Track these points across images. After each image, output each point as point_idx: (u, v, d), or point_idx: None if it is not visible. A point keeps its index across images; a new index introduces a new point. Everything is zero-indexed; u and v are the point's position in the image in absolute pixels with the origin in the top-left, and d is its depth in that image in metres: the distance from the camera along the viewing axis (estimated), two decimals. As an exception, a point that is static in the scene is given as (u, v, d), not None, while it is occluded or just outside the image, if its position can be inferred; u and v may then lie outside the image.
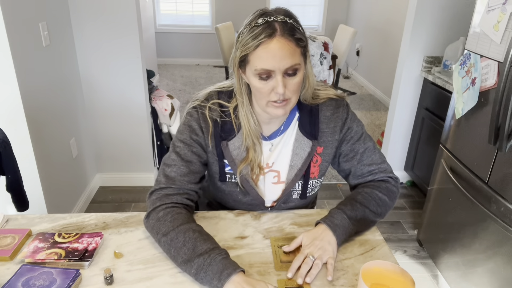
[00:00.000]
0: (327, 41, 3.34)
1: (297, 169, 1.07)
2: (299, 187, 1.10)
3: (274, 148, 1.08)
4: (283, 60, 0.88)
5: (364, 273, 0.78)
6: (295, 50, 0.89)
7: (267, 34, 0.87)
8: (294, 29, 0.89)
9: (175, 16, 6.27)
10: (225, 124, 1.04)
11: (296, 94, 0.95)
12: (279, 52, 0.87)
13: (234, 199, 1.12)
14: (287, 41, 0.88)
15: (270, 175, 1.09)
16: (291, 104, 0.96)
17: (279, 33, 0.87)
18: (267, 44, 0.87)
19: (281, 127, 1.07)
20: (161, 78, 5.52)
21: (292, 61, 0.89)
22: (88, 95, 2.51)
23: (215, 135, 1.03)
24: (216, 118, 1.03)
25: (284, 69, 0.89)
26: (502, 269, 1.55)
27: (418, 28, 2.52)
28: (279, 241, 1.00)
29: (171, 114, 2.86)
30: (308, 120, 1.06)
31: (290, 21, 0.90)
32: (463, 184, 1.78)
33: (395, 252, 2.21)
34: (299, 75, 0.92)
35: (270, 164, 1.08)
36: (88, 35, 2.37)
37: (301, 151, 1.06)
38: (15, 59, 1.71)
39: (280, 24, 0.88)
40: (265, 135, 1.07)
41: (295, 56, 0.89)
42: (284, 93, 0.91)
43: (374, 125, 4.10)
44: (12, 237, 0.97)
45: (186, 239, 0.89)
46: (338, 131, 1.07)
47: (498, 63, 1.54)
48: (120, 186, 2.76)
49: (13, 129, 1.75)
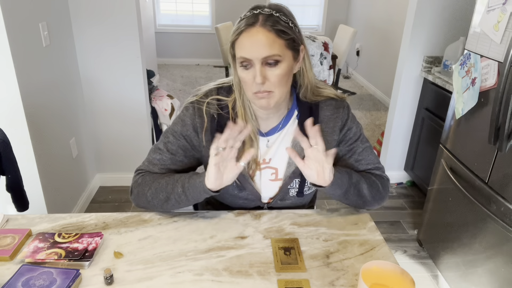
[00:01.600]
0: (327, 41, 3.34)
1: (294, 166, 1.07)
2: (296, 185, 1.10)
3: (271, 144, 1.08)
4: (260, 49, 0.90)
5: (364, 273, 0.78)
6: (275, 41, 0.91)
7: (249, 23, 0.91)
8: (278, 22, 0.92)
9: (175, 16, 6.27)
10: (222, 119, 1.05)
11: (279, 87, 0.96)
12: (257, 40, 0.90)
13: (230, 194, 1.11)
14: (266, 31, 0.90)
15: (267, 172, 1.10)
16: (275, 97, 0.97)
17: (259, 23, 0.91)
18: (247, 32, 0.91)
19: (279, 124, 1.08)
20: (161, 78, 5.51)
21: (270, 51, 0.91)
22: (88, 95, 2.51)
23: (211, 130, 1.04)
24: (213, 113, 1.04)
25: (261, 58, 0.91)
26: (502, 269, 1.55)
27: (418, 28, 2.52)
28: (280, 242, 1.00)
29: (171, 114, 2.86)
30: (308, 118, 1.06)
31: (277, 14, 0.92)
32: (463, 184, 1.78)
33: (395, 252, 2.21)
34: (281, 67, 0.93)
35: (267, 160, 1.09)
36: (88, 35, 2.37)
37: (299, 148, 1.06)
38: (15, 59, 1.71)
39: (264, 15, 0.92)
40: (263, 131, 1.08)
41: (274, 47, 0.91)
42: (262, 83, 0.93)
43: (374, 125, 4.10)
44: (12, 237, 0.97)
45: (166, 179, 1.03)
46: (337, 132, 1.08)
47: (498, 63, 1.54)
48: (120, 186, 2.76)
49: (13, 129, 1.75)
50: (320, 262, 0.94)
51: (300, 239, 1.02)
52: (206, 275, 0.89)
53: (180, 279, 0.88)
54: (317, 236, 1.03)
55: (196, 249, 0.97)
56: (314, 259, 0.95)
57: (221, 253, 0.96)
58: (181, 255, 0.95)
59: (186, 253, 0.96)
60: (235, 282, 0.88)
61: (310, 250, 0.98)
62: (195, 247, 0.98)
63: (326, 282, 0.88)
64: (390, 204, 2.70)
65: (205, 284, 0.87)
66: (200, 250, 0.97)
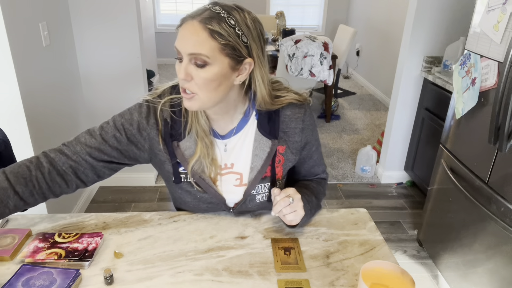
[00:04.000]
0: (327, 41, 3.34)
1: (256, 171, 1.03)
2: (263, 190, 1.07)
3: (231, 148, 1.04)
4: (187, 43, 0.86)
5: (364, 273, 0.78)
6: (206, 41, 0.84)
7: (192, 14, 0.87)
8: (219, 23, 0.85)
9: (175, 16, 6.27)
10: (175, 124, 1.00)
11: (205, 91, 0.89)
12: (188, 34, 0.86)
13: (193, 197, 1.07)
14: (200, 28, 0.85)
15: (231, 177, 1.06)
16: (199, 101, 0.90)
17: (199, 18, 0.85)
18: (185, 23, 0.87)
19: (234, 128, 1.03)
20: (161, 78, 5.52)
21: (197, 48, 0.85)
22: (88, 95, 2.51)
23: (165, 134, 1.01)
24: (166, 117, 1.00)
25: (187, 53, 0.86)
26: (502, 269, 1.55)
27: (418, 28, 2.52)
28: (280, 242, 1.00)
29: (171, 114, 2.86)
30: (267, 119, 1.02)
31: (226, 15, 0.86)
32: (463, 184, 1.78)
33: (395, 252, 2.21)
34: (208, 70, 0.86)
35: (229, 165, 1.05)
36: (88, 35, 2.37)
37: (260, 151, 1.02)
38: (15, 59, 1.71)
39: (210, 12, 0.86)
40: (220, 133, 1.03)
41: (204, 46, 0.85)
42: (185, 79, 0.88)
43: (374, 125, 4.10)
44: (12, 237, 0.97)
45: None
46: (299, 133, 1.05)
47: (498, 63, 1.54)
48: (120, 186, 2.76)
49: (13, 129, 1.75)
50: (320, 262, 0.94)
51: (300, 239, 1.02)
52: (206, 275, 0.89)
53: (180, 279, 0.88)
54: (317, 236, 1.04)
55: (196, 249, 0.97)
56: (314, 259, 0.95)
57: (221, 253, 0.96)
58: (181, 255, 0.95)
59: (186, 253, 0.96)
60: (235, 282, 0.88)
61: (310, 250, 0.98)
62: (195, 247, 0.98)
63: (326, 282, 0.88)
64: (390, 204, 2.70)
65: (205, 284, 0.87)
66: (200, 250, 0.97)
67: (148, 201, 2.62)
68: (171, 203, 1.25)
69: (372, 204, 2.71)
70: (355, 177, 3.05)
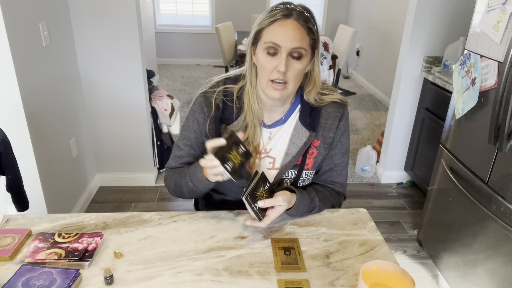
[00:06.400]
0: (327, 41, 3.34)
1: (291, 156, 1.11)
2: (291, 175, 1.13)
3: (273, 136, 1.12)
4: (292, 40, 0.96)
5: (364, 273, 0.78)
6: (305, 37, 0.98)
7: (284, 14, 0.97)
8: (309, 20, 0.99)
9: (175, 16, 6.26)
10: (226, 109, 1.09)
11: (295, 81, 1.01)
12: (290, 31, 0.96)
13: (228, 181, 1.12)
14: (299, 25, 0.97)
15: (266, 161, 1.13)
16: (289, 90, 1.02)
17: (294, 17, 0.97)
18: (282, 22, 0.97)
19: (282, 118, 1.12)
20: (161, 78, 5.51)
21: (299, 43, 0.97)
22: (88, 95, 2.51)
23: (215, 118, 1.09)
24: (218, 103, 1.09)
25: (290, 48, 0.96)
26: (502, 269, 1.55)
27: (418, 28, 2.52)
28: (280, 242, 1.00)
29: (171, 114, 2.86)
30: (309, 112, 1.11)
31: (307, 14, 1.00)
32: (463, 184, 1.78)
33: (395, 252, 2.21)
34: (303, 62, 1.00)
35: (268, 150, 1.13)
36: (88, 35, 2.36)
37: (298, 140, 1.10)
38: (15, 59, 1.70)
39: (297, 11, 0.99)
40: (267, 123, 1.12)
41: (304, 42, 0.98)
42: (285, 72, 0.98)
43: (374, 125, 4.10)
44: (12, 237, 0.97)
45: (180, 174, 1.13)
46: (334, 129, 1.13)
47: (498, 63, 1.54)
48: (120, 186, 2.76)
49: (13, 129, 1.75)
50: (320, 262, 0.94)
51: (300, 239, 1.02)
52: (206, 275, 0.89)
53: (180, 279, 0.88)
54: (317, 236, 1.04)
55: (196, 249, 0.97)
56: (314, 259, 0.95)
57: (221, 253, 0.96)
58: (181, 255, 0.95)
59: (186, 253, 0.96)
60: (235, 282, 0.88)
61: (310, 250, 0.98)
62: (195, 247, 0.98)
63: (326, 282, 0.88)
64: (390, 204, 2.70)
65: (205, 284, 0.87)
66: (200, 250, 0.97)
67: (148, 201, 2.62)
68: (171, 203, 1.27)
69: (372, 204, 2.71)
70: (355, 177, 3.05)
